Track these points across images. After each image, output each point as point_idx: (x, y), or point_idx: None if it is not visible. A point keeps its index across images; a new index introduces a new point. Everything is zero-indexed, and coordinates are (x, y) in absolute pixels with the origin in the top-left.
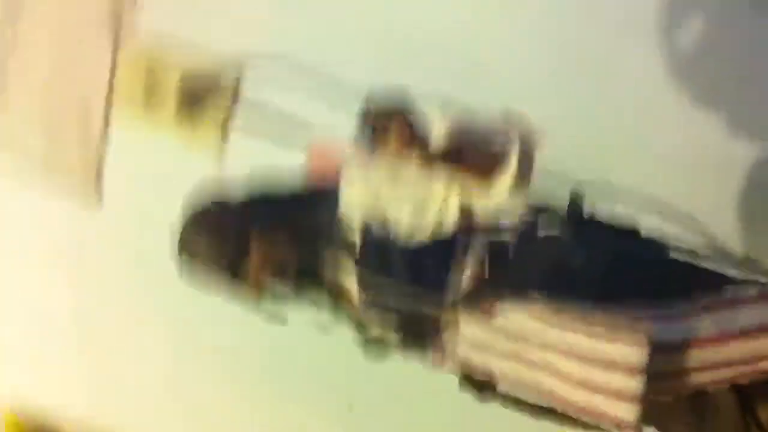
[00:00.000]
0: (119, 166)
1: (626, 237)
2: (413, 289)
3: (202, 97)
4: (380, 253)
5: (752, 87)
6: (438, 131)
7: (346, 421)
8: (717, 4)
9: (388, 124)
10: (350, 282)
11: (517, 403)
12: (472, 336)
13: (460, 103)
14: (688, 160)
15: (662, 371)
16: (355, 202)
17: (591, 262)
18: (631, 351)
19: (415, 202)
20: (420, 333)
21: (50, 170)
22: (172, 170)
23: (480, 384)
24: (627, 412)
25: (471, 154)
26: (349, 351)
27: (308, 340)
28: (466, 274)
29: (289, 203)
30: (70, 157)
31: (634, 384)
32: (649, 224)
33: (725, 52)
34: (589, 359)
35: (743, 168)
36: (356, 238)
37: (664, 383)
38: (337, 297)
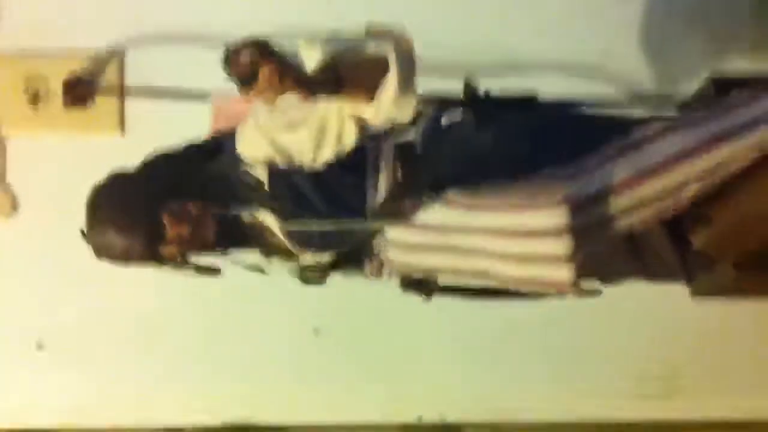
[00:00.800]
0: (23, 170)
1: (525, 107)
2: (332, 209)
3: (89, 88)
4: (290, 183)
5: None
6: (311, 62)
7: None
8: None
9: (255, 67)
10: (269, 219)
11: (461, 291)
12: (400, 239)
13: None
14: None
15: (587, 224)
16: (253, 144)
17: (496, 139)
18: (552, 214)
19: (310, 131)
20: (351, 249)
21: None
22: (75, 162)
23: (420, 283)
24: (563, 272)
25: (351, 73)
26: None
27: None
28: (380, 182)
29: (189, 158)
30: None
31: (563, 244)
32: (558, 89)
33: None
34: (514, 232)
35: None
36: (262, 176)
37: (592, 235)
38: (261, 239)
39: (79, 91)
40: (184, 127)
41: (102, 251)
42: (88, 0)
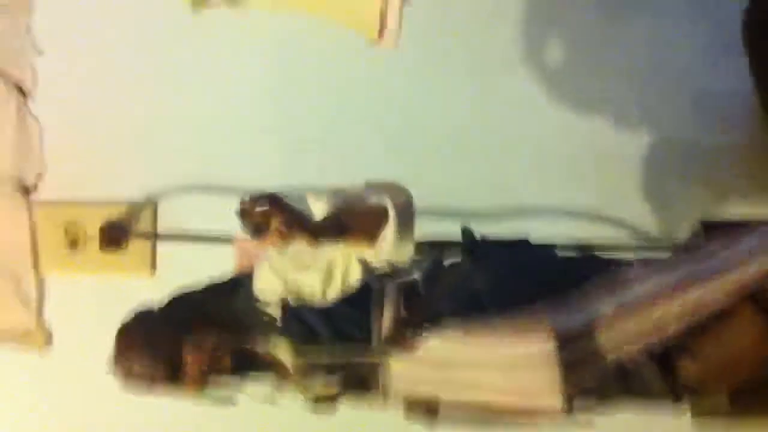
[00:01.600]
0: (59, 308)
1: (518, 249)
2: (340, 344)
3: (123, 233)
4: (301, 320)
5: (618, 85)
6: (318, 212)
7: None
8: (567, 21)
9: (267, 219)
10: (281, 352)
11: (466, 419)
12: (403, 372)
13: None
14: (573, 163)
15: (575, 359)
16: (268, 284)
17: (490, 278)
18: (539, 344)
19: (319, 272)
20: (358, 381)
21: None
22: (108, 301)
23: (423, 413)
24: (554, 401)
25: (353, 221)
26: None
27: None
28: (385, 318)
29: (209, 296)
30: (14, 314)
31: (552, 373)
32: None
33: (587, 59)
34: (506, 364)
35: (626, 159)
36: (276, 313)
37: (581, 370)
38: (274, 369)
39: (114, 235)
40: (209, 267)
41: (127, 381)
42: (125, 155)
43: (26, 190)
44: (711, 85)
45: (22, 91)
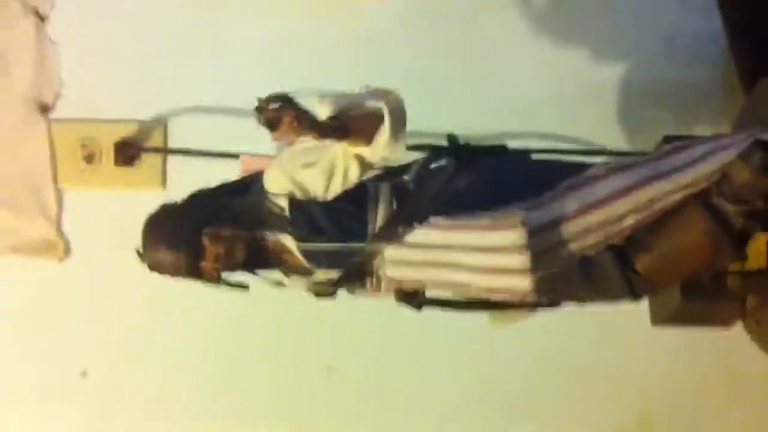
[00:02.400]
0: (76, 220)
1: (497, 153)
2: (340, 233)
3: (136, 150)
4: (306, 212)
5: (597, 23)
6: (322, 113)
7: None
8: None
9: (279, 115)
10: (289, 241)
11: (445, 303)
12: (394, 256)
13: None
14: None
15: (544, 248)
16: (276, 181)
17: (472, 180)
18: (513, 233)
19: (322, 170)
20: (355, 267)
21: (18, 237)
22: (122, 213)
23: (411, 295)
24: (524, 282)
25: (353, 122)
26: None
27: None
28: (379, 212)
29: (225, 192)
30: (35, 225)
31: (523, 259)
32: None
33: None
34: (484, 249)
35: (603, 91)
36: (283, 205)
37: (549, 257)
38: (281, 257)
39: (128, 152)
40: (217, 181)
41: (154, 266)
42: (137, 77)
43: (45, 109)
44: (682, 25)
45: (39, 15)
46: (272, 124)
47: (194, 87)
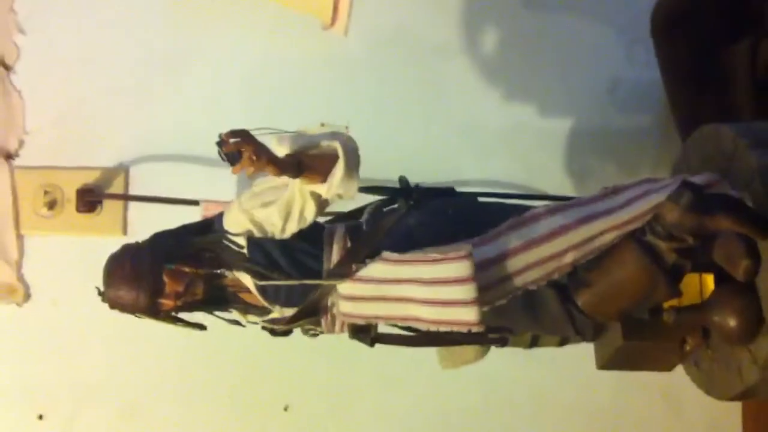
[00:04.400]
0: (37, 265)
1: (446, 194)
2: (296, 271)
3: (98, 198)
4: (263, 250)
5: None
6: (280, 152)
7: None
8: (500, 16)
9: (239, 149)
10: (246, 279)
11: (397, 339)
12: (347, 292)
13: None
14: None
15: (490, 281)
16: (236, 220)
17: (422, 216)
18: (459, 265)
19: (279, 208)
20: (310, 305)
21: None
22: (83, 259)
23: (364, 330)
24: (471, 314)
25: (309, 160)
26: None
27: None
28: (334, 250)
29: (186, 232)
30: None
31: (469, 290)
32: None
33: (518, 50)
34: (432, 281)
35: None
36: (242, 242)
37: (494, 291)
38: (239, 295)
39: (90, 198)
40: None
41: (114, 303)
42: (99, 125)
43: (8, 156)
44: (624, 74)
45: (4, 65)
46: (232, 158)
47: (155, 134)
